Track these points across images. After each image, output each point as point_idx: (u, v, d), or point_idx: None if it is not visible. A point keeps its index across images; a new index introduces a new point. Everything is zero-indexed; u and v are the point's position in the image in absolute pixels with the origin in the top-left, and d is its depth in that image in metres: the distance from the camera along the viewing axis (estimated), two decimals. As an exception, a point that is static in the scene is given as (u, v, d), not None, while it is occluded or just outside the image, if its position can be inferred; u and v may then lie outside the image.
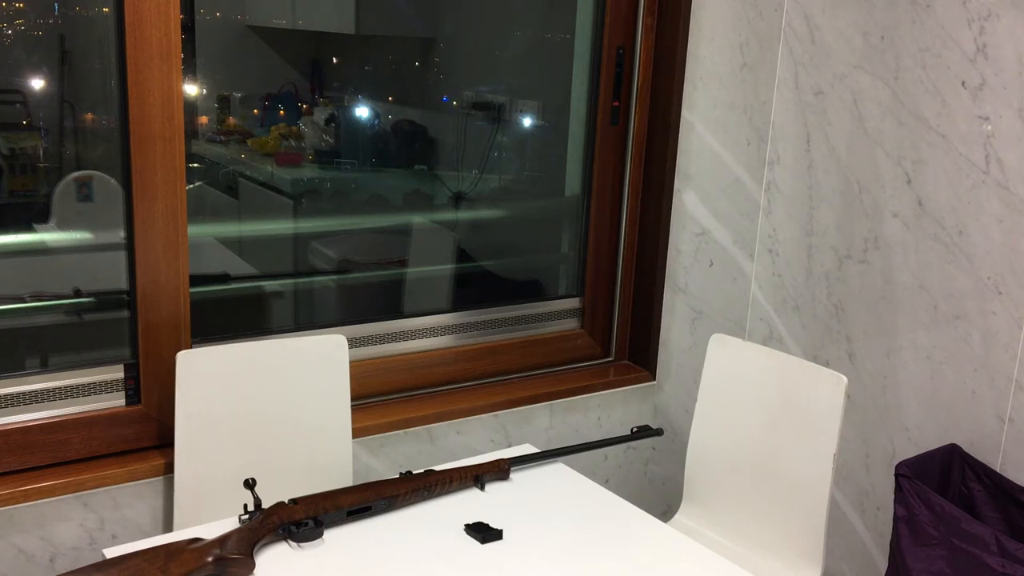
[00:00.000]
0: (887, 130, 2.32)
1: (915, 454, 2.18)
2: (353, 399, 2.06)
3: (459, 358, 2.41)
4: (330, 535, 1.64)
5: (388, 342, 2.33)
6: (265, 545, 1.59)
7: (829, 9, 2.42)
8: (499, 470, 1.87)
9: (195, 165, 3.26)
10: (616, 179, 2.56)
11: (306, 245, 3.20)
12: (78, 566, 1.88)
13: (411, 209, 3.30)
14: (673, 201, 2.51)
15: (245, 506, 1.61)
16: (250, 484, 1.59)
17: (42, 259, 2.41)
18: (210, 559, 1.47)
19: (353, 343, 2.21)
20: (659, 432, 2.15)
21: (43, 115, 2.46)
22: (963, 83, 2.14)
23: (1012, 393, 2.09)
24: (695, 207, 2.55)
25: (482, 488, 1.83)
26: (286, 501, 1.62)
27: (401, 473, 1.78)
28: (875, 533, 2.43)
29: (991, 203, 2.11)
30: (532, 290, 2.74)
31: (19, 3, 2.28)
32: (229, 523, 1.64)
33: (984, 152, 2.12)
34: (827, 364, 2.41)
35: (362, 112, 3.58)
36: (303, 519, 1.61)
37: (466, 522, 1.70)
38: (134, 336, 1.96)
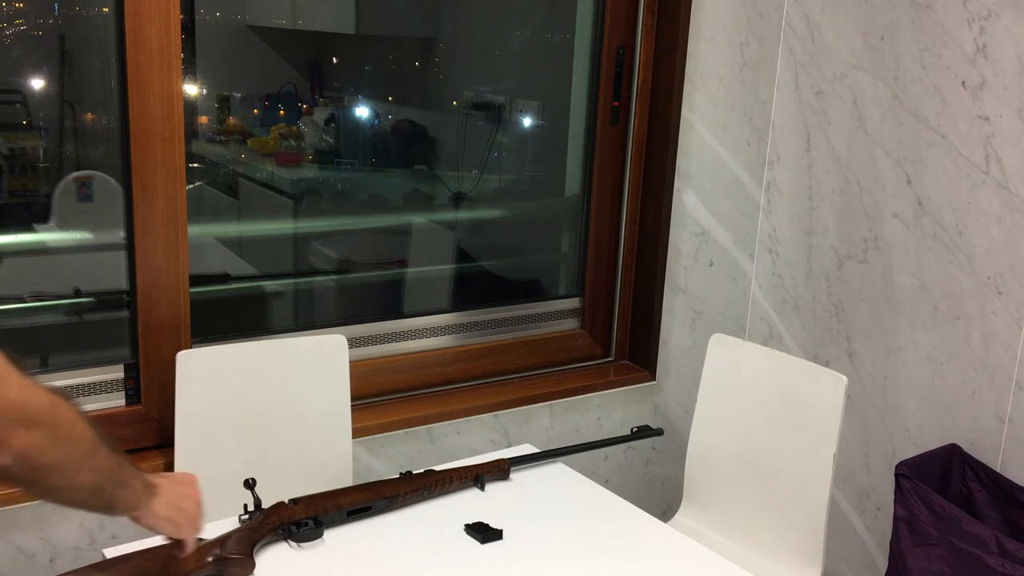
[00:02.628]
0: (887, 130, 2.32)
1: (915, 454, 2.18)
2: (353, 399, 2.06)
3: (459, 358, 2.41)
4: (330, 535, 1.64)
5: (388, 342, 2.33)
6: (265, 545, 1.59)
7: (829, 9, 2.42)
8: (499, 470, 1.87)
9: (195, 165, 3.26)
10: (616, 179, 2.56)
11: (306, 245, 3.20)
12: (78, 566, 1.88)
13: (411, 209, 3.30)
14: (673, 201, 2.51)
15: (245, 506, 1.61)
16: (250, 484, 1.59)
17: (42, 259, 2.41)
18: (210, 559, 1.47)
19: (353, 343, 2.21)
20: (659, 432, 2.15)
21: (43, 115, 2.46)
22: (963, 83, 2.14)
23: (1012, 393, 2.09)
24: (695, 207, 2.55)
25: (482, 488, 1.83)
26: (286, 501, 1.62)
27: (401, 473, 1.78)
28: (875, 533, 2.43)
29: (991, 203, 2.11)
30: (532, 290, 2.74)
31: (19, 3, 2.28)
32: (229, 523, 1.63)
33: (984, 152, 2.12)
34: (827, 364, 2.41)
35: (362, 112, 3.58)
36: (303, 519, 1.61)
37: (466, 522, 1.70)
38: (134, 336, 1.96)
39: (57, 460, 1.07)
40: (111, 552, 1.53)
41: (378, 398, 2.28)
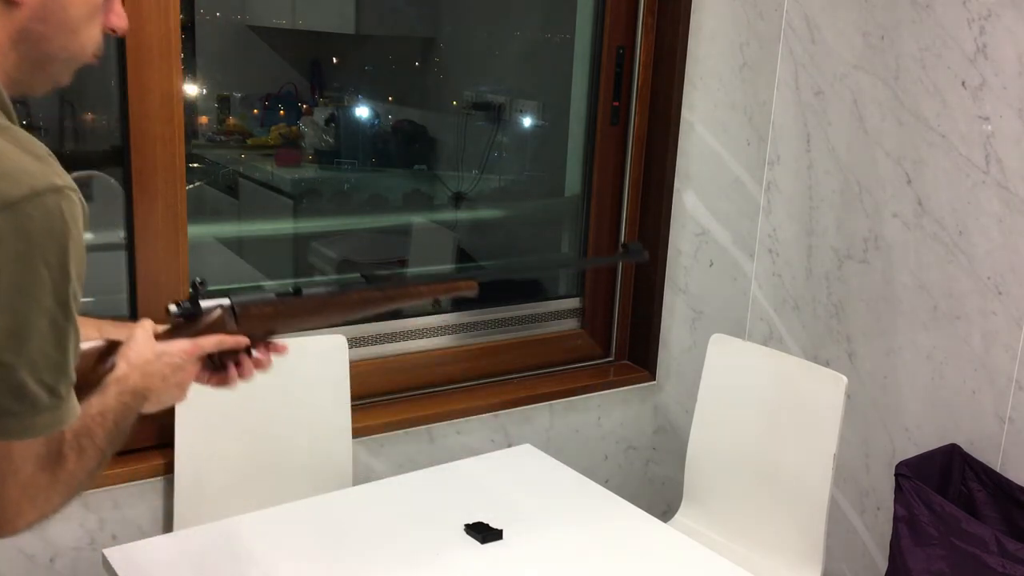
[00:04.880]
0: (887, 130, 2.32)
1: (915, 454, 2.18)
2: (353, 399, 2.06)
3: (459, 358, 2.41)
4: (325, 535, 1.64)
5: (388, 342, 2.33)
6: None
7: (829, 9, 2.42)
8: (468, 288, 1.58)
9: (195, 165, 3.26)
10: (616, 179, 2.56)
11: (306, 245, 3.20)
12: (78, 566, 1.89)
13: (411, 209, 3.30)
14: (673, 201, 2.51)
15: (180, 303, 1.28)
16: (197, 285, 1.29)
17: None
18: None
19: (353, 343, 2.21)
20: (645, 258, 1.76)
21: (43, 115, 2.45)
22: (963, 83, 2.14)
23: (1012, 393, 2.09)
24: (695, 207, 2.55)
25: (439, 305, 1.57)
26: (227, 305, 1.30)
27: (363, 275, 1.47)
28: (875, 533, 2.43)
29: (991, 203, 2.11)
30: (532, 290, 2.74)
31: (19, 3, 2.27)
32: (231, 522, 1.63)
33: (984, 152, 2.12)
34: (827, 364, 2.41)
35: (362, 112, 3.58)
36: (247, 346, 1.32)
37: (466, 522, 1.70)
38: (134, 336, 1.95)
39: (76, 491, 1.02)
40: (111, 552, 1.54)
41: (378, 398, 2.28)
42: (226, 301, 1.29)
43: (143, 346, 1.18)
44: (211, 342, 1.26)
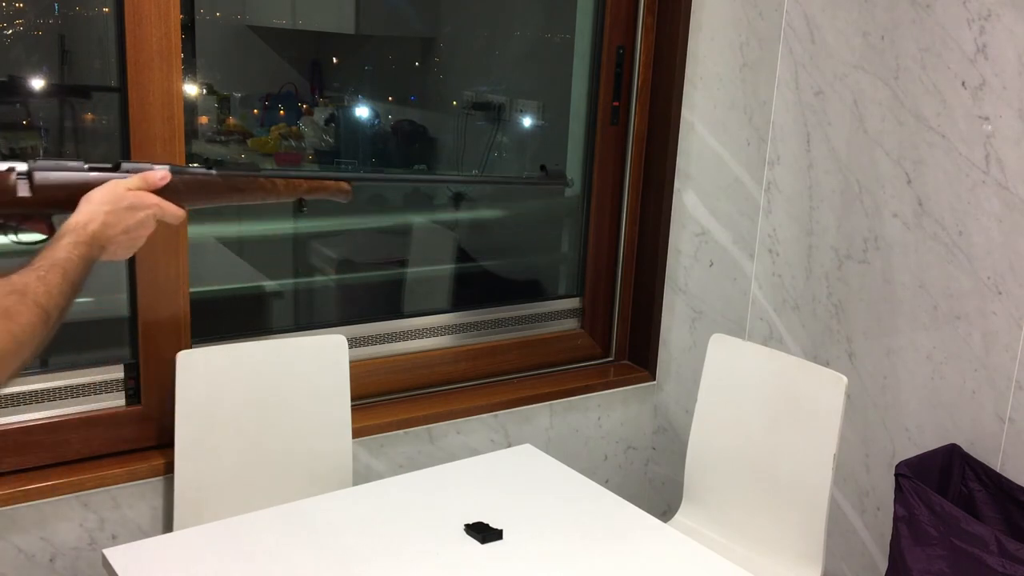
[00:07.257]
0: (887, 130, 2.32)
1: (915, 454, 2.18)
2: (353, 399, 2.06)
3: (459, 358, 2.41)
4: (325, 535, 1.64)
5: (388, 342, 2.33)
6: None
7: (829, 9, 2.42)
8: (339, 190, 1.40)
9: (195, 165, 3.26)
10: (616, 179, 2.56)
11: (306, 245, 3.19)
12: (78, 566, 1.89)
13: (411, 209, 3.30)
14: (673, 201, 2.51)
15: None
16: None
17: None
18: None
19: (353, 343, 2.22)
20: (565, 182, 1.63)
21: (43, 115, 2.45)
22: (963, 83, 2.14)
23: (1012, 393, 2.09)
24: (695, 207, 2.55)
25: (302, 209, 1.40)
26: (25, 171, 1.17)
27: (207, 160, 1.34)
28: (875, 533, 2.43)
29: (991, 203, 2.11)
30: (532, 290, 2.74)
31: (19, 3, 2.27)
32: (231, 522, 1.63)
33: (984, 152, 2.12)
34: (827, 364, 2.41)
35: (362, 112, 3.58)
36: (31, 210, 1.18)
37: (466, 522, 1.70)
38: (134, 336, 1.96)
39: (27, 358, 1.01)
40: (111, 552, 1.54)
41: (378, 398, 2.28)
42: (23, 166, 1.16)
43: (110, 191, 1.14)
44: (171, 209, 1.22)
